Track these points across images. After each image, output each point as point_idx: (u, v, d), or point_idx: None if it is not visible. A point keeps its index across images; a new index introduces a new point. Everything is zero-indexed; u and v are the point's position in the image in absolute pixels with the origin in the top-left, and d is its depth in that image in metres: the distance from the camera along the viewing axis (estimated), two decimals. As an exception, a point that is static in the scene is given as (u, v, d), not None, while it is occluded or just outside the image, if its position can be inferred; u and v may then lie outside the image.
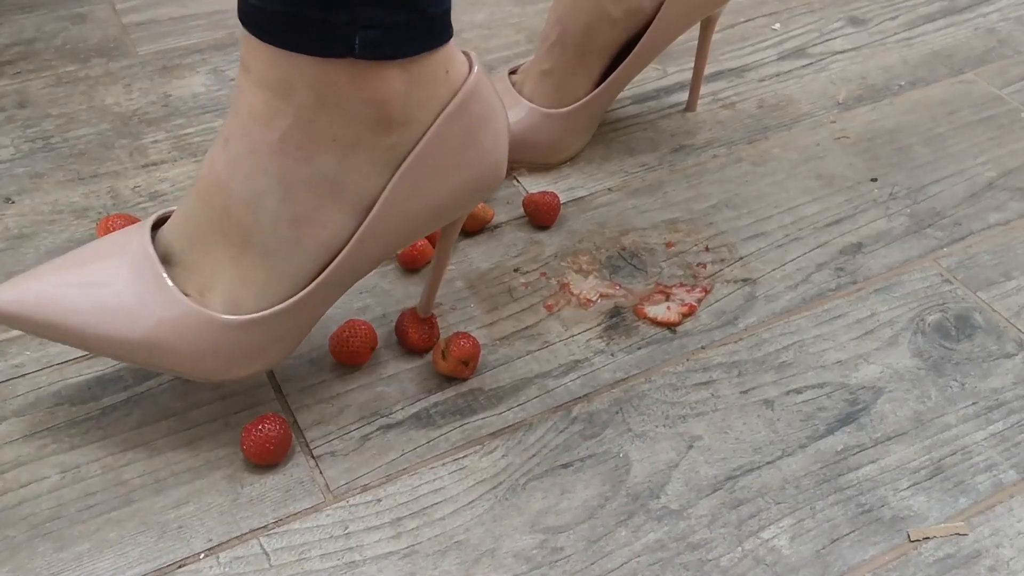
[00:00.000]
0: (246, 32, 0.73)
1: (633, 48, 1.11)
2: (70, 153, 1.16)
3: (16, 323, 0.81)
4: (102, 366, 0.92)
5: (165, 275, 0.79)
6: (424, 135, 0.78)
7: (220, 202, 0.78)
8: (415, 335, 0.93)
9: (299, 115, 0.74)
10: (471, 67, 0.80)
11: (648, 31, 1.09)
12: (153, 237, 0.82)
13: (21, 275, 0.82)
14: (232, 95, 0.78)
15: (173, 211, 0.83)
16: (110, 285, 0.80)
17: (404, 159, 0.78)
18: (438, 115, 0.78)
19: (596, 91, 1.12)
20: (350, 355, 0.91)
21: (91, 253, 0.83)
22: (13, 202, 1.09)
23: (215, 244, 0.79)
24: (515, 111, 1.12)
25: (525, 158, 1.13)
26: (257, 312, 0.80)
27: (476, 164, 0.82)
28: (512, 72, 1.16)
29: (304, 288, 0.80)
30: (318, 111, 0.74)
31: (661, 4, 1.09)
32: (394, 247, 0.83)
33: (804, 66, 1.34)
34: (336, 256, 0.80)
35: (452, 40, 0.78)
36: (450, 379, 0.92)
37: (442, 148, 0.79)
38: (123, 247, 0.82)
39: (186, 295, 0.80)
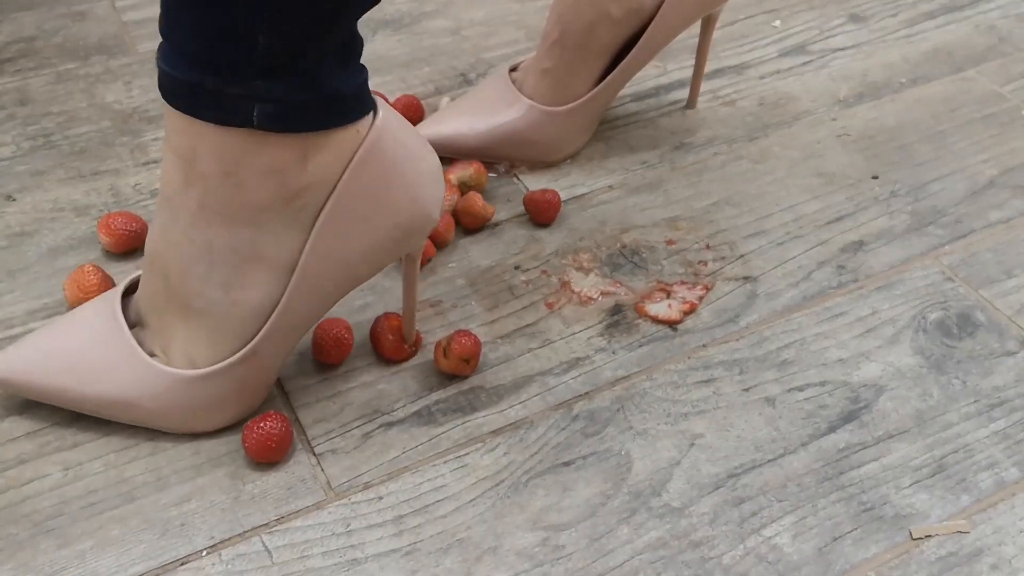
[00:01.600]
0: (163, 101, 0.75)
1: (633, 46, 1.11)
2: (71, 151, 1.16)
3: (7, 388, 0.87)
4: (103, 364, 0.92)
5: (131, 338, 0.84)
6: (332, 192, 0.78)
7: (160, 269, 0.82)
8: (387, 347, 0.93)
9: (207, 183, 0.76)
10: (375, 112, 0.80)
11: (649, 29, 1.09)
12: (127, 303, 0.87)
13: (13, 346, 0.87)
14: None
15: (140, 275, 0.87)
16: (85, 351, 0.85)
17: (316, 218, 0.79)
18: (344, 170, 0.78)
19: (596, 89, 1.12)
20: (324, 355, 0.92)
21: (69, 322, 0.87)
22: (14, 200, 1.09)
23: (164, 307, 0.83)
24: (515, 109, 1.12)
25: (525, 156, 1.13)
26: (210, 366, 0.83)
27: (399, 207, 0.82)
28: (512, 69, 1.16)
29: (248, 344, 0.83)
30: (223, 179, 0.76)
31: (661, 3, 1.08)
32: (332, 298, 0.84)
33: (804, 63, 1.34)
34: (270, 316, 0.82)
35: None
36: (451, 377, 0.92)
37: (355, 201, 0.79)
38: (97, 314, 0.86)
39: (152, 355, 0.85)
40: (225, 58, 0.71)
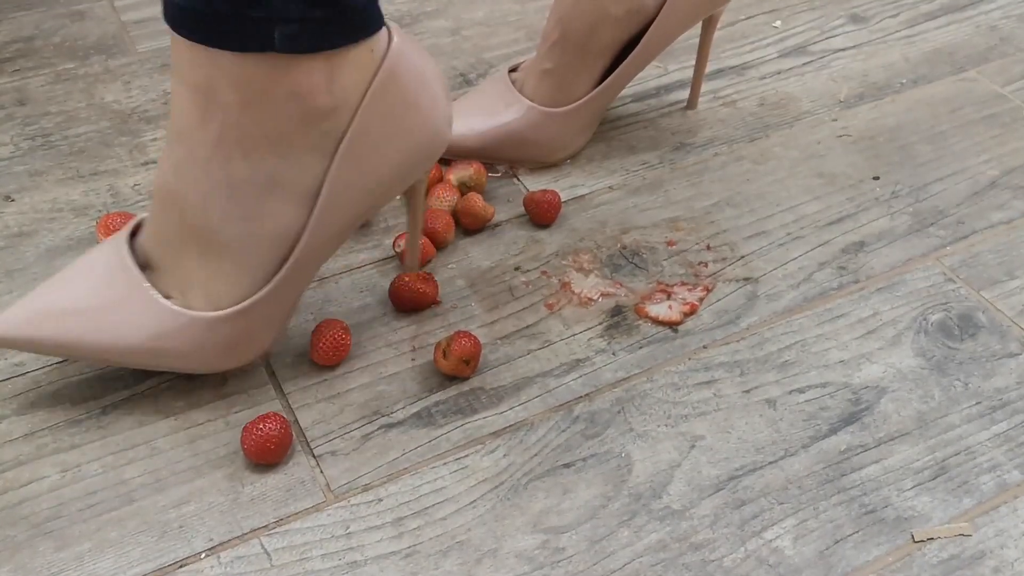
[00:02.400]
0: (172, 32, 0.74)
1: (634, 47, 1.10)
2: (70, 151, 1.15)
3: (16, 345, 0.84)
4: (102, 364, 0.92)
5: (145, 281, 0.82)
6: (355, 116, 0.79)
7: (174, 207, 0.80)
8: (406, 297, 0.96)
9: (227, 114, 0.75)
10: (391, 38, 0.80)
11: (650, 30, 1.09)
12: (134, 245, 0.84)
13: (17, 302, 0.85)
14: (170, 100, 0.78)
15: (145, 217, 0.86)
16: (97, 298, 0.83)
17: (339, 143, 0.79)
18: (365, 94, 0.78)
19: (597, 90, 1.12)
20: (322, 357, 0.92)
21: (76, 271, 0.85)
22: (13, 200, 1.08)
23: (180, 247, 0.82)
24: (515, 109, 1.11)
25: (526, 157, 1.13)
26: (233, 306, 0.82)
27: (415, 131, 0.83)
28: (512, 70, 1.16)
29: (273, 278, 0.83)
30: (244, 109, 0.75)
31: (663, 3, 1.08)
32: (351, 225, 0.84)
33: (805, 64, 1.34)
34: (295, 246, 0.82)
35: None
36: (451, 378, 0.92)
37: (376, 124, 0.80)
38: (105, 261, 0.84)
39: (169, 297, 0.83)
40: None
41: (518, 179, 1.13)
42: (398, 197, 0.94)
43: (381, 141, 0.81)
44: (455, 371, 0.91)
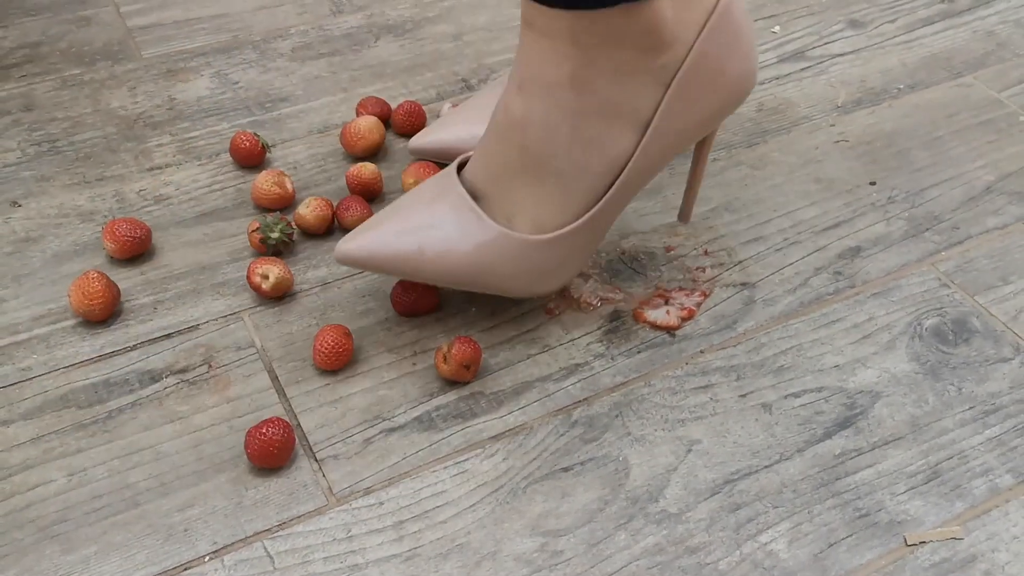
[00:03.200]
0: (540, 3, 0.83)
1: None
2: (76, 156, 1.17)
3: (359, 264, 0.93)
4: (108, 369, 0.93)
5: (480, 211, 0.91)
6: (689, 52, 0.87)
7: (517, 140, 0.89)
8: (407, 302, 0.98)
9: (584, 55, 0.84)
10: None
11: None
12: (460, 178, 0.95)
13: (361, 227, 0.94)
14: (518, 49, 0.87)
15: (470, 155, 0.95)
16: (436, 225, 0.92)
17: (674, 76, 0.87)
18: (699, 32, 0.87)
19: None
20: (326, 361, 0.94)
21: (414, 200, 0.95)
22: (20, 205, 1.10)
23: (515, 176, 0.91)
24: None
25: None
26: (559, 230, 0.91)
27: (737, 69, 0.91)
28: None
29: (597, 203, 0.91)
30: (601, 48, 0.84)
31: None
32: (668, 157, 0.93)
33: (803, 69, 1.35)
34: (621, 171, 0.90)
35: None
36: (452, 382, 0.93)
37: (706, 61, 0.88)
38: (439, 192, 0.94)
39: (495, 223, 0.91)
40: None
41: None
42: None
43: (709, 75, 0.89)
44: (456, 376, 0.92)
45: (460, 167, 0.96)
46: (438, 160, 1.14)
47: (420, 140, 1.14)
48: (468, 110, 1.15)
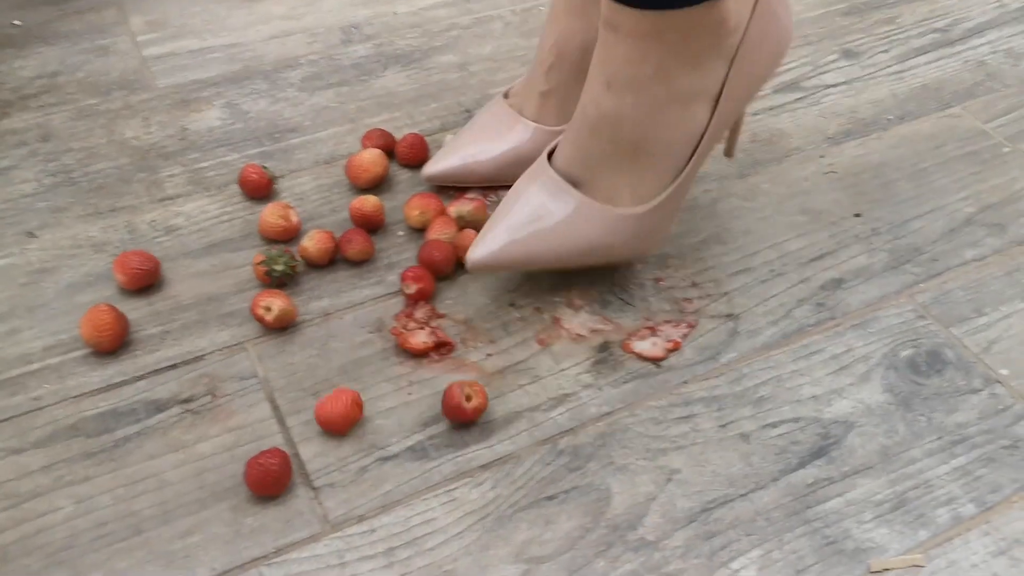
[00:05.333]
0: (614, 3, 0.94)
1: None
2: (90, 187, 1.21)
3: (494, 269, 1.05)
4: (116, 399, 0.98)
5: (587, 196, 1.03)
6: (746, 30, 0.98)
7: (610, 132, 1.01)
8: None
9: (669, 48, 0.95)
10: None
11: None
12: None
13: (480, 233, 1.04)
14: (599, 51, 0.99)
15: (557, 146, 1.06)
16: (548, 216, 1.03)
17: (736, 52, 0.99)
18: (752, 12, 0.98)
19: None
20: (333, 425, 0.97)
21: (514, 199, 1.05)
22: (36, 236, 1.14)
23: (610, 162, 1.02)
24: (520, 133, 1.19)
25: None
26: (655, 199, 1.03)
27: (778, 37, 1.02)
28: (504, 96, 1.22)
29: (683, 171, 1.04)
30: (684, 42, 0.95)
31: None
32: (731, 123, 1.06)
33: (797, 99, 1.39)
34: (699, 142, 1.03)
35: None
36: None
37: (757, 36, 0.99)
38: (540, 187, 1.05)
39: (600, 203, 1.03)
40: None
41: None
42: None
43: (759, 47, 1.00)
44: (473, 417, 0.96)
45: (548, 156, 1.06)
46: (454, 184, 1.20)
47: (431, 168, 1.19)
48: (470, 132, 1.20)
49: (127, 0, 1.55)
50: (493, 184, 1.19)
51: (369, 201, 1.14)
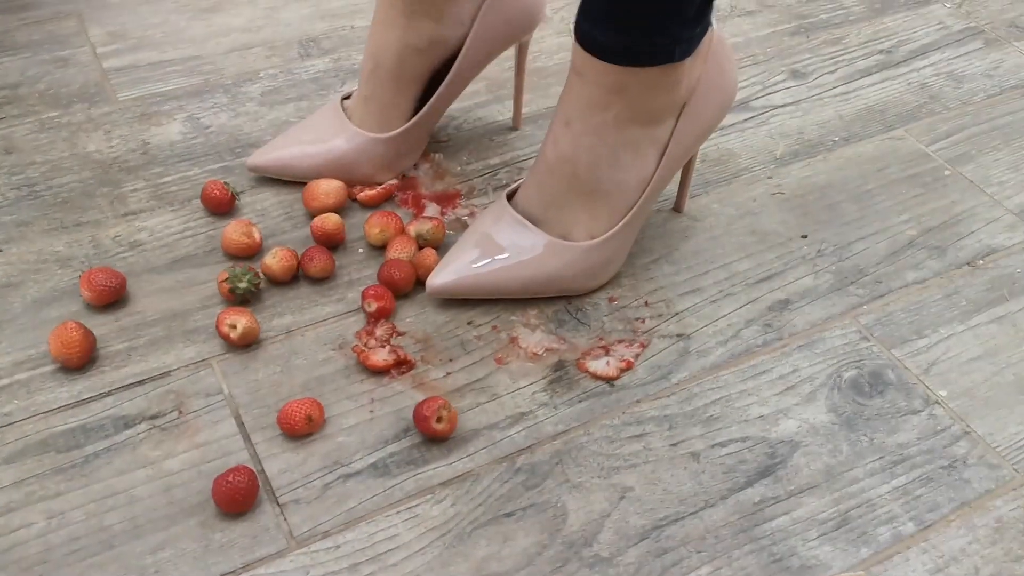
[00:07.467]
0: (583, 51, 1.03)
1: (447, 73, 1.24)
2: (54, 201, 1.23)
3: (456, 295, 1.12)
4: (85, 415, 1.00)
5: (547, 235, 1.11)
6: (696, 87, 1.08)
7: (568, 170, 1.09)
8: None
9: (627, 100, 1.04)
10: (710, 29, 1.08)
11: (457, 61, 1.23)
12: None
13: (442, 262, 1.12)
14: (565, 91, 1.07)
15: (519, 186, 1.15)
16: (508, 251, 1.11)
17: (683, 107, 1.09)
18: (701, 73, 1.07)
19: (416, 117, 1.25)
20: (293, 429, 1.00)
21: (478, 235, 1.13)
22: (1, 251, 1.16)
23: (567, 200, 1.10)
24: (344, 137, 1.25)
25: (355, 178, 1.26)
26: (609, 232, 1.11)
27: (724, 91, 1.12)
28: (345, 98, 1.29)
29: (631, 209, 1.12)
30: (641, 96, 1.04)
31: (466, 35, 1.21)
32: (679, 167, 1.15)
33: (746, 120, 1.42)
34: (648, 184, 1.11)
35: None
36: (406, 429, 1.00)
37: (706, 89, 1.09)
38: (500, 223, 1.13)
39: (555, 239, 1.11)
40: (662, 24, 0.99)
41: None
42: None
43: (707, 100, 1.10)
44: (434, 437, 1.00)
45: (508, 198, 1.14)
46: (277, 176, 1.26)
47: (257, 159, 1.26)
48: (300, 130, 1.27)
49: (86, 10, 1.56)
50: (309, 179, 1.25)
51: (331, 219, 1.17)
